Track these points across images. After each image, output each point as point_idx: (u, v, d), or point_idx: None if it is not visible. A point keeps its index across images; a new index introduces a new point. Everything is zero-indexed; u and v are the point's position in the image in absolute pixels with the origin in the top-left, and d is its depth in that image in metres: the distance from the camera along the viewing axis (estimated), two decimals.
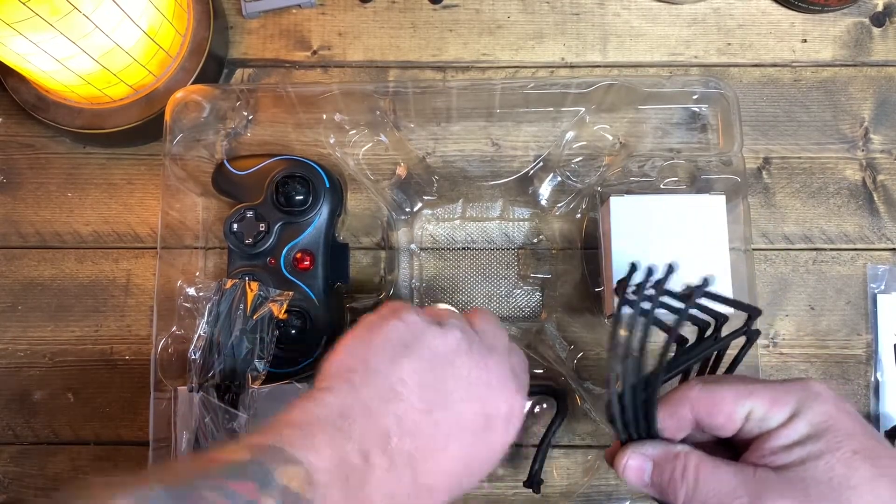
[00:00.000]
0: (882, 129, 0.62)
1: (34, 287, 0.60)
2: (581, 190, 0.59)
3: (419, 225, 0.60)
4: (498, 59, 0.63)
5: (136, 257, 0.60)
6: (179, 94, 0.56)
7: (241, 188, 0.55)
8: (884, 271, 0.60)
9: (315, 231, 0.55)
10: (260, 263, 0.54)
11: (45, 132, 0.61)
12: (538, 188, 0.59)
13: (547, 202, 0.59)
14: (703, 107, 0.59)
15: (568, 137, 0.59)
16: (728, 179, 0.57)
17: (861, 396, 0.59)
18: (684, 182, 0.58)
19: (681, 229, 0.51)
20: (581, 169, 0.59)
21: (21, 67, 0.53)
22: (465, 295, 0.59)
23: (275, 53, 0.63)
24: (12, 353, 0.59)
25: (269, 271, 0.54)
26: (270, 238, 0.53)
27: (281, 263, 0.54)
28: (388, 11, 0.63)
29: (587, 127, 0.59)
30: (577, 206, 0.59)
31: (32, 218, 0.61)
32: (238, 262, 0.54)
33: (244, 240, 0.53)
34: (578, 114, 0.59)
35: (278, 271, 0.54)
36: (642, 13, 0.63)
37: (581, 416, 0.57)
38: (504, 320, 0.59)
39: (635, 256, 0.52)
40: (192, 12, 0.59)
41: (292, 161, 0.55)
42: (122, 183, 0.61)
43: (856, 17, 0.63)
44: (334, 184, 0.56)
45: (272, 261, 0.54)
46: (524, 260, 0.60)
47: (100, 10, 0.48)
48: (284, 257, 0.54)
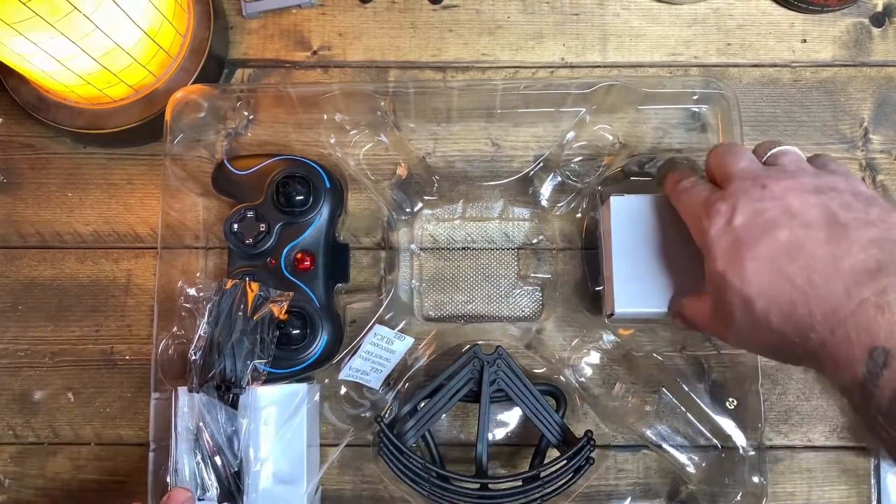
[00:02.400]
0: (881, 130, 0.62)
1: (34, 287, 0.60)
2: (581, 190, 0.59)
3: (419, 225, 0.60)
4: (498, 59, 0.63)
5: (137, 257, 0.60)
6: (179, 93, 0.56)
7: (242, 188, 0.55)
8: None
9: (315, 231, 0.55)
10: (260, 264, 0.54)
11: (46, 132, 0.61)
12: (538, 188, 0.59)
13: (547, 202, 0.59)
14: (703, 107, 0.59)
15: (568, 137, 0.59)
16: None
17: None
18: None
19: (681, 228, 0.51)
20: (581, 169, 0.59)
21: (21, 68, 0.53)
22: (466, 294, 0.59)
23: (275, 54, 0.63)
24: (12, 353, 0.59)
25: (269, 271, 0.54)
26: (271, 238, 0.53)
27: (281, 264, 0.54)
28: (388, 12, 0.63)
29: (587, 127, 0.59)
30: (578, 206, 0.59)
31: (33, 218, 0.61)
32: (238, 262, 0.54)
33: (244, 240, 0.53)
34: (579, 114, 0.59)
35: (279, 271, 0.54)
36: (642, 13, 0.63)
37: (581, 416, 0.57)
38: (504, 320, 0.59)
39: (635, 255, 0.52)
40: (193, 12, 0.59)
41: (293, 161, 0.55)
42: (122, 183, 0.61)
43: (855, 18, 0.63)
44: (335, 184, 0.56)
45: (272, 261, 0.54)
46: (524, 260, 0.60)
47: (100, 10, 0.48)
48: (285, 257, 0.54)
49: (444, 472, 0.52)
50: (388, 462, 0.52)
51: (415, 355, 0.57)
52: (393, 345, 0.55)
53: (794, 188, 0.43)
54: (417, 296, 0.59)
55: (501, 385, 0.53)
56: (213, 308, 0.51)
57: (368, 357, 0.55)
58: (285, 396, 0.53)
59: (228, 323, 0.50)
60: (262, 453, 0.52)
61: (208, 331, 0.50)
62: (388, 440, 0.52)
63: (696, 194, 0.47)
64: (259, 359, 0.50)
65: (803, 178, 0.44)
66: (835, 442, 0.58)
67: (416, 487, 0.52)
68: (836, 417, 0.59)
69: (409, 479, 0.52)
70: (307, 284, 0.54)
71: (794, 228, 0.42)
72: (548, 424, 0.53)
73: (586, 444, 0.52)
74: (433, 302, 0.59)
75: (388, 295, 0.58)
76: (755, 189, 0.44)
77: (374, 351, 0.55)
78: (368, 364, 0.55)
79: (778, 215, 0.42)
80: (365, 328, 0.56)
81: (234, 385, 0.49)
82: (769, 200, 0.43)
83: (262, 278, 0.53)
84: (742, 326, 0.43)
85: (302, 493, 0.52)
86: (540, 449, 0.55)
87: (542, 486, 0.52)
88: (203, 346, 0.50)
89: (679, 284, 0.51)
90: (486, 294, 0.59)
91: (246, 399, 0.50)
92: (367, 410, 0.56)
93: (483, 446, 0.53)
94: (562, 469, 0.52)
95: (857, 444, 0.58)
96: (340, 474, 0.58)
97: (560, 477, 0.52)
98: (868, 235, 0.41)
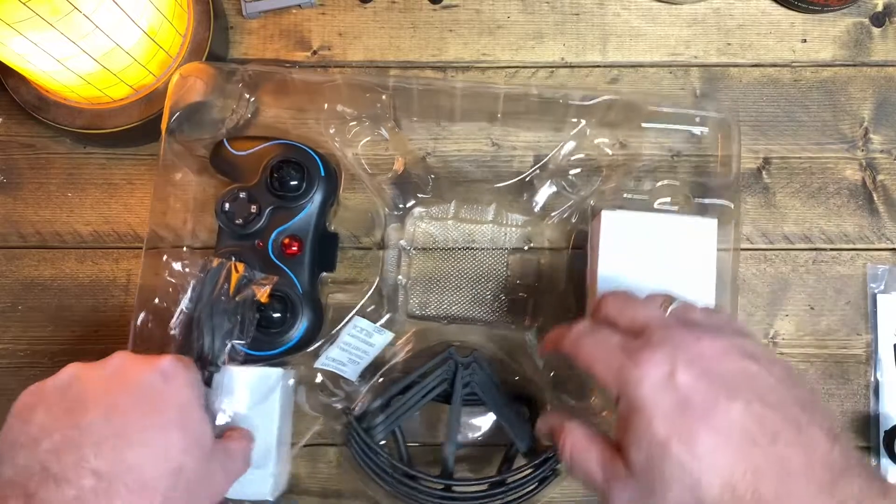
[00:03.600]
0: (882, 129, 0.62)
1: (34, 287, 0.60)
2: (576, 202, 0.58)
3: (411, 222, 0.60)
4: (498, 59, 0.63)
5: (137, 257, 0.60)
6: (184, 70, 0.56)
7: (238, 169, 0.55)
8: (883, 271, 0.60)
9: (306, 218, 0.54)
10: (248, 245, 0.54)
11: (46, 132, 0.61)
12: (534, 195, 0.59)
13: (541, 210, 0.59)
14: (704, 129, 0.59)
15: (568, 147, 0.59)
16: (721, 206, 0.56)
17: (861, 396, 0.59)
18: (678, 203, 0.58)
19: (669, 249, 0.51)
20: (578, 181, 0.59)
21: (21, 67, 0.53)
22: (451, 295, 0.59)
23: (275, 53, 0.63)
24: (12, 353, 0.59)
25: (256, 254, 0.53)
26: (261, 220, 0.53)
27: (269, 247, 0.54)
28: (388, 11, 0.63)
29: (587, 139, 0.59)
30: (570, 217, 0.59)
31: (32, 218, 0.61)
32: (226, 241, 0.54)
33: (234, 220, 0.53)
34: (579, 125, 0.59)
35: (265, 254, 0.54)
36: (642, 13, 0.63)
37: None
38: (487, 324, 0.59)
39: (622, 272, 0.52)
40: (193, 12, 0.59)
41: (290, 146, 0.55)
42: (122, 183, 0.61)
43: (856, 17, 0.63)
44: (329, 173, 0.56)
45: (260, 243, 0.54)
46: (512, 265, 0.59)
47: (100, 10, 0.48)
48: (273, 241, 0.54)
49: (410, 470, 0.51)
50: (355, 454, 0.52)
51: (393, 350, 0.56)
52: (372, 338, 0.55)
53: (730, 349, 0.38)
54: (403, 292, 0.59)
55: (475, 388, 0.53)
56: (196, 285, 0.50)
57: (346, 348, 0.55)
58: (258, 379, 0.52)
59: (210, 301, 0.50)
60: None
61: (189, 307, 0.50)
62: (356, 433, 0.52)
63: (605, 338, 0.41)
64: (238, 339, 0.50)
65: (733, 339, 0.39)
66: None
67: (380, 483, 0.51)
68: (836, 418, 0.59)
69: (375, 474, 0.51)
70: (292, 270, 0.54)
71: (751, 402, 0.35)
72: (517, 432, 0.53)
73: (553, 454, 0.51)
74: (418, 300, 0.59)
75: (371, 288, 0.57)
76: (690, 340, 0.38)
77: (353, 342, 0.55)
78: (346, 355, 0.55)
79: (730, 379, 0.36)
80: (345, 319, 0.55)
81: (211, 363, 0.49)
82: (709, 361, 0.37)
83: (249, 260, 0.52)
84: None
85: (268, 476, 0.51)
86: (509, 455, 0.54)
87: (505, 493, 0.51)
88: (183, 320, 0.50)
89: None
90: (471, 296, 0.59)
91: (220, 378, 0.50)
92: (341, 401, 0.56)
93: (451, 448, 0.52)
94: (527, 477, 0.51)
95: (858, 445, 0.58)
96: (312, 462, 0.58)
97: (525, 485, 0.51)
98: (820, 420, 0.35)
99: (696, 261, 0.52)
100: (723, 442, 0.34)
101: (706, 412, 0.35)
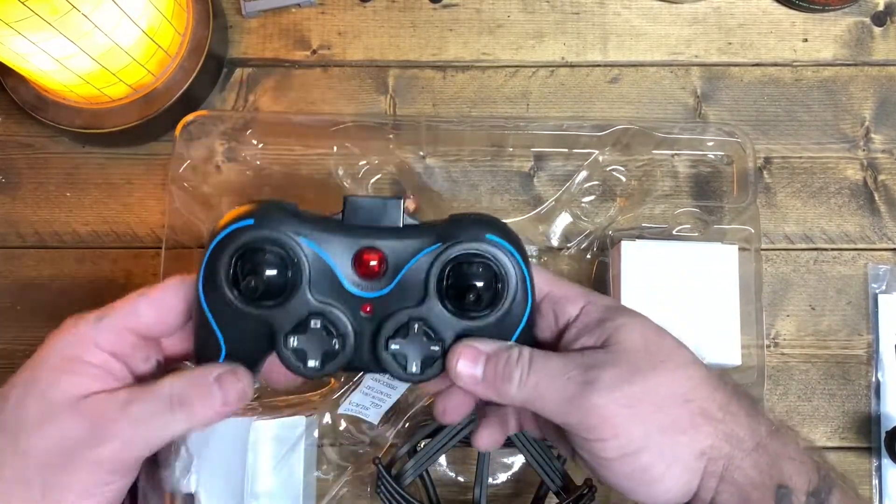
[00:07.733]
0: (883, 129, 0.62)
1: (33, 287, 0.60)
2: (592, 231, 0.58)
3: None
4: (498, 58, 0.63)
5: (136, 257, 0.60)
6: (189, 117, 0.56)
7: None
8: (885, 271, 0.60)
9: None
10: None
11: (45, 132, 0.61)
12: (549, 227, 0.59)
13: (557, 241, 0.59)
14: (719, 154, 0.59)
15: (581, 176, 0.59)
16: (741, 230, 0.56)
17: (862, 396, 0.59)
18: (697, 229, 0.57)
19: (691, 278, 0.51)
20: (592, 209, 0.59)
21: (20, 67, 0.53)
22: None
23: (274, 53, 0.63)
24: (12, 353, 0.59)
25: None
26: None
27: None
28: (387, 11, 0.63)
29: (600, 167, 0.59)
30: (588, 248, 0.59)
31: (31, 218, 0.61)
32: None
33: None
34: (592, 155, 0.59)
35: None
36: (643, 12, 0.63)
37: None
38: None
39: (645, 302, 0.51)
40: (192, 11, 0.59)
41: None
42: (121, 183, 0.61)
43: (857, 17, 0.63)
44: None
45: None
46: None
47: (99, 9, 0.48)
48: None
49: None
50: (385, 502, 0.52)
51: (416, 393, 0.56)
52: (394, 381, 0.54)
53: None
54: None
55: None
56: None
57: (369, 392, 0.54)
58: (284, 430, 0.51)
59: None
60: (258, 487, 0.50)
61: None
62: (385, 481, 0.51)
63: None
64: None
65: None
66: (836, 443, 0.58)
67: None
68: (837, 418, 0.58)
69: None
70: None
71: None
72: (548, 470, 0.52)
73: (587, 492, 0.51)
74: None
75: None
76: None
77: (376, 386, 0.54)
78: (369, 399, 0.54)
79: None
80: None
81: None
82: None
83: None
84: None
85: None
86: (539, 495, 0.54)
87: None
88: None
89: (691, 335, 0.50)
90: None
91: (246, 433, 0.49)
92: (366, 446, 0.55)
93: (482, 490, 0.52)
94: None
95: (859, 445, 0.58)
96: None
97: None
98: None
99: (719, 288, 0.52)
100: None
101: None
